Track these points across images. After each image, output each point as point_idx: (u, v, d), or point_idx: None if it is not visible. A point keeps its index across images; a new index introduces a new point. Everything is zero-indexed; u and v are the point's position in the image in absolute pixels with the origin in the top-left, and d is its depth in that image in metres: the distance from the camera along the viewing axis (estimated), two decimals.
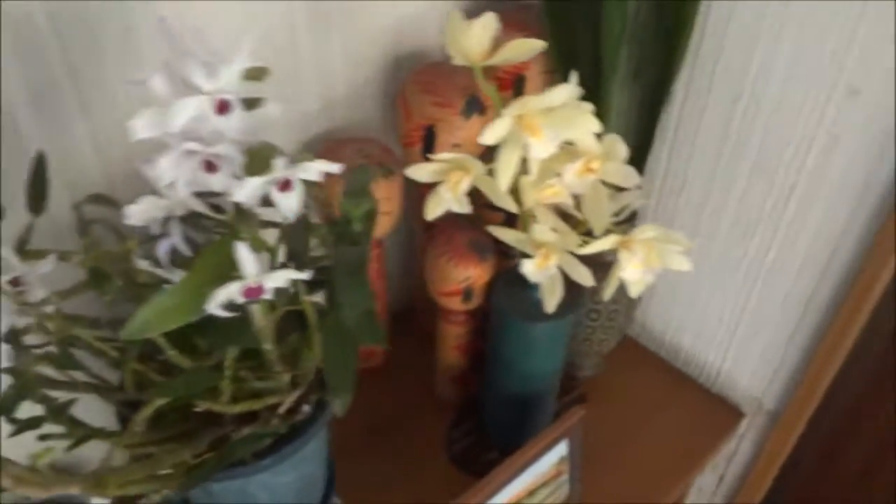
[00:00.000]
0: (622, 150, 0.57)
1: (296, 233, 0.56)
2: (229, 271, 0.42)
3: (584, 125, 0.55)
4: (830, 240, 0.78)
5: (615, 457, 0.88)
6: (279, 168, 0.41)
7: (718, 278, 0.91)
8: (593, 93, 0.76)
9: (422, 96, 0.75)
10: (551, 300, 0.66)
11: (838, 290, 0.80)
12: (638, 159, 0.81)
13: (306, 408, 0.65)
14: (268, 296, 0.43)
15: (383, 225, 0.78)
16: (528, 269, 0.62)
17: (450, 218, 0.83)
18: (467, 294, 0.77)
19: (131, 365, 0.54)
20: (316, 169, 0.42)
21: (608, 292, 0.63)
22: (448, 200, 0.59)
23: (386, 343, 0.73)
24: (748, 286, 0.88)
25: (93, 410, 0.57)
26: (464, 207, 0.59)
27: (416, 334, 0.95)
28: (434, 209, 0.61)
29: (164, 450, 0.53)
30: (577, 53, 0.77)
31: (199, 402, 0.55)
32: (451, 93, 0.74)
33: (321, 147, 0.77)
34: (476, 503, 0.68)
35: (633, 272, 0.59)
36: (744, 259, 0.87)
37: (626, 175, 0.58)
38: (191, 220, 0.52)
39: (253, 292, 0.42)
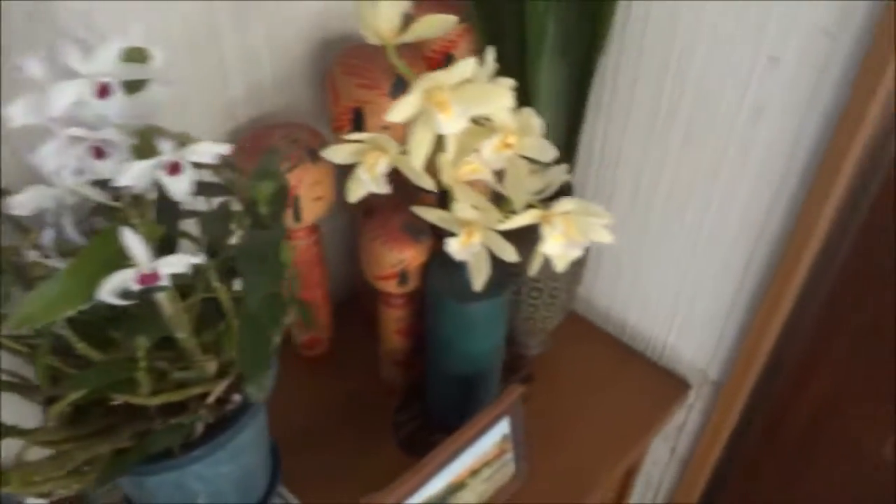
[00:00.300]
0: (537, 124, 0.57)
1: (215, 220, 0.56)
2: (123, 259, 0.41)
3: (498, 101, 0.55)
4: (761, 208, 0.79)
5: (564, 433, 0.89)
6: (167, 151, 0.40)
7: (658, 251, 0.91)
8: (521, 71, 0.76)
9: (348, 79, 0.74)
10: (479, 278, 0.65)
11: (772, 259, 0.81)
12: (570, 135, 0.81)
13: (237, 397, 0.64)
14: (164, 282, 0.42)
15: (317, 210, 0.77)
16: (453, 247, 0.62)
17: (388, 201, 0.83)
18: (403, 277, 0.77)
19: (44, 360, 0.52)
20: (204, 151, 0.41)
21: (534, 267, 0.63)
22: (366, 181, 0.58)
23: (313, 325, 0.72)
24: (686, 258, 0.89)
25: (23, 411, 0.56)
26: (382, 188, 0.59)
27: (361, 320, 0.95)
28: (355, 191, 0.61)
29: (78, 445, 0.52)
30: (504, 32, 0.77)
31: (116, 395, 0.54)
32: (378, 74, 0.73)
33: (248, 133, 0.76)
34: (413, 486, 0.68)
35: (554, 246, 0.59)
36: (681, 231, 0.87)
37: (543, 149, 0.58)
38: (101, 209, 0.51)
39: (148, 279, 0.42)
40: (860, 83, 0.65)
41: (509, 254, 0.61)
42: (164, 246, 0.47)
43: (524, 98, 0.77)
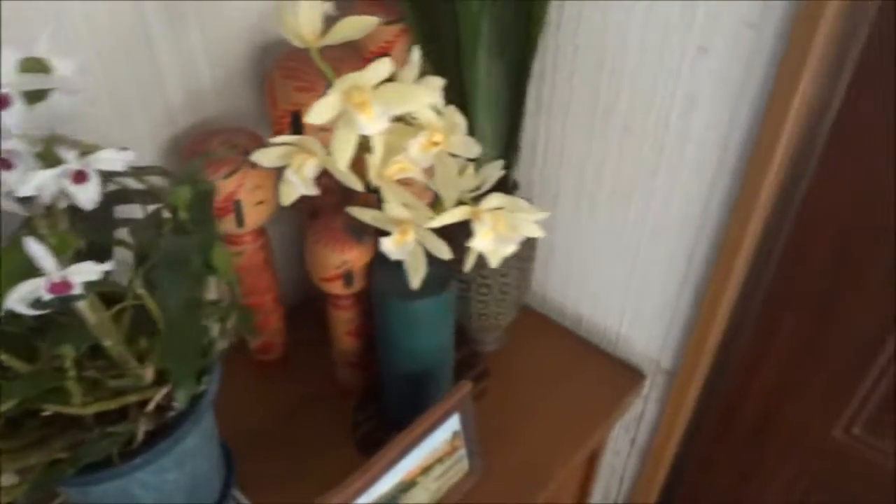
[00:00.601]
0: (461, 122, 0.58)
1: (145, 227, 0.56)
2: (33, 269, 0.41)
3: (419, 100, 0.55)
4: (700, 201, 0.80)
5: (520, 427, 0.89)
6: (71, 160, 0.40)
7: (606, 246, 0.92)
8: (459, 70, 0.77)
9: (286, 82, 0.74)
10: (416, 276, 0.66)
11: (713, 251, 0.82)
12: (511, 132, 0.82)
13: (177, 403, 0.64)
14: (78, 291, 0.43)
15: (260, 214, 0.77)
16: (388, 246, 0.62)
17: (332, 202, 0.84)
18: (348, 278, 0.77)
19: None
20: (110, 158, 0.41)
21: (468, 264, 0.64)
22: (295, 184, 0.58)
23: (254, 331, 0.72)
24: (633, 251, 0.90)
25: None
26: (311, 190, 0.59)
27: (315, 323, 0.95)
28: (287, 194, 0.61)
29: (8, 457, 0.52)
30: (440, 32, 0.78)
31: (46, 405, 0.54)
32: (315, 77, 0.73)
33: (189, 139, 0.76)
34: (361, 486, 0.69)
35: (484, 242, 0.59)
36: (626, 225, 0.88)
37: (468, 146, 0.58)
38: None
39: (58, 288, 0.42)
40: (782, 76, 0.66)
41: (443, 251, 0.62)
42: (98, 254, 0.47)
43: (462, 97, 0.78)
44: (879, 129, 0.69)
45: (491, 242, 0.60)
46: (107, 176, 0.45)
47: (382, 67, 0.51)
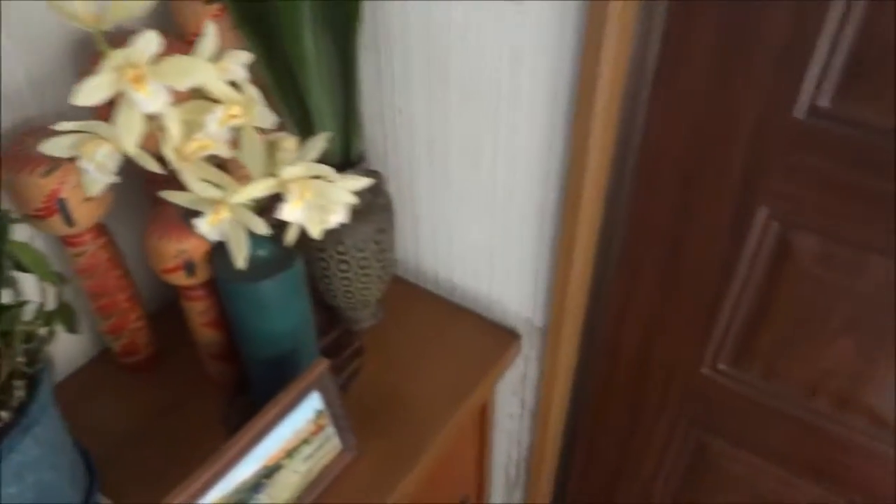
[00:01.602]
0: (254, 93, 0.57)
1: None
2: None
3: (203, 73, 0.54)
4: (541, 155, 0.81)
5: (399, 398, 0.89)
6: None
7: (464, 209, 0.93)
8: (283, 44, 0.75)
9: None
10: (239, 255, 0.65)
11: (560, 204, 0.83)
12: (348, 102, 0.81)
13: (3, 414, 0.62)
14: None
15: (91, 211, 0.75)
16: (204, 228, 0.61)
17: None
18: (189, 267, 0.75)
19: None
20: None
21: (290, 237, 0.63)
22: (93, 173, 0.56)
23: (76, 331, 0.70)
24: (489, 212, 0.90)
25: None
26: (109, 177, 0.57)
27: (182, 320, 0.93)
28: (90, 185, 0.59)
29: None
30: (264, 10, 0.76)
31: None
32: None
33: (10, 139, 0.73)
34: (208, 479, 0.67)
35: (293, 212, 0.59)
36: (479, 187, 0.89)
37: (264, 117, 0.57)
38: None
39: None
40: (591, 24, 0.67)
41: (259, 227, 0.61)
42: None
43: (294, 75, 0.77)
44: (704, 56, 0.71)
45: (302, 213, 0.59)
46: None
47: (150, 40, 0.50)
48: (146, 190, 0.83)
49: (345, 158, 0.83)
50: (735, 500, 1.06)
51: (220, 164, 0.64)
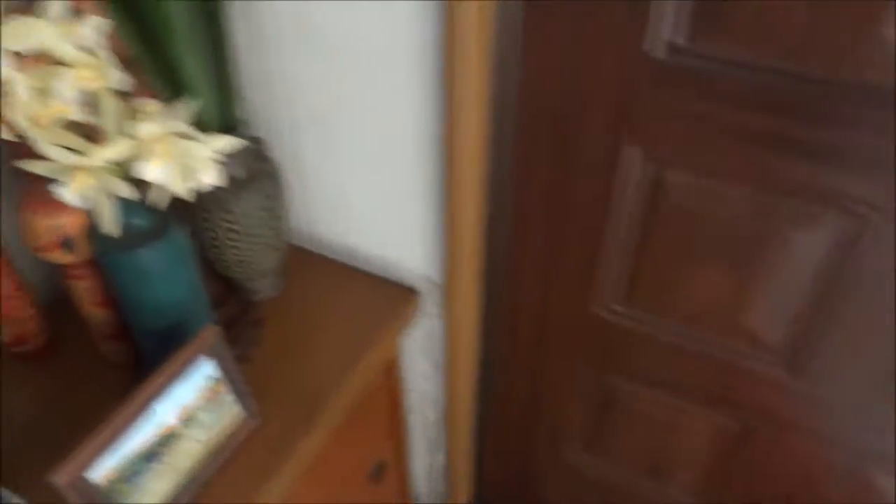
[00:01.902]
0: (102, 55, 0.56)
1: None
2: None
3: (45, 35, 0.53)
4: (414, 107, 0.82)
5: (302, 362, 0.90)
6: None
7: (351, 171, 0.94)
8: (147, 10, 0.75)
9: None
10: (107, 222, 0.64)
11: (444, 153, 0.85)
12: (221, 67, 0.81)
13: None
14: None
15: None
16: (66, 195, 0.60)
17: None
18: (66, 244, 0.74)
19: None
20: None
21: (155, 197, 0.63)
22: None
23: None
24: (376, 171, 0.92)
25: None
26: None
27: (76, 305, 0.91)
28: None
29: None
30: None
31: None
32: None
33: None
34: (93, 450, 0.67)
35: (153, 172, 0.59)
36: (363, 147, 0.90)
37: (120, 80, 0.57)
38: None
39: None
40: None
41: (123, 190, 0.61)
42: None
43: (165, 45, 0.77)
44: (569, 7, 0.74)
45: (163, 172, 0.59)
46: None
47: None
48: (13, 165, 0.81)
49: (223, 125, 0.83)
50: (640, 433, 1.11)
51: (88, 134, 0.64)
